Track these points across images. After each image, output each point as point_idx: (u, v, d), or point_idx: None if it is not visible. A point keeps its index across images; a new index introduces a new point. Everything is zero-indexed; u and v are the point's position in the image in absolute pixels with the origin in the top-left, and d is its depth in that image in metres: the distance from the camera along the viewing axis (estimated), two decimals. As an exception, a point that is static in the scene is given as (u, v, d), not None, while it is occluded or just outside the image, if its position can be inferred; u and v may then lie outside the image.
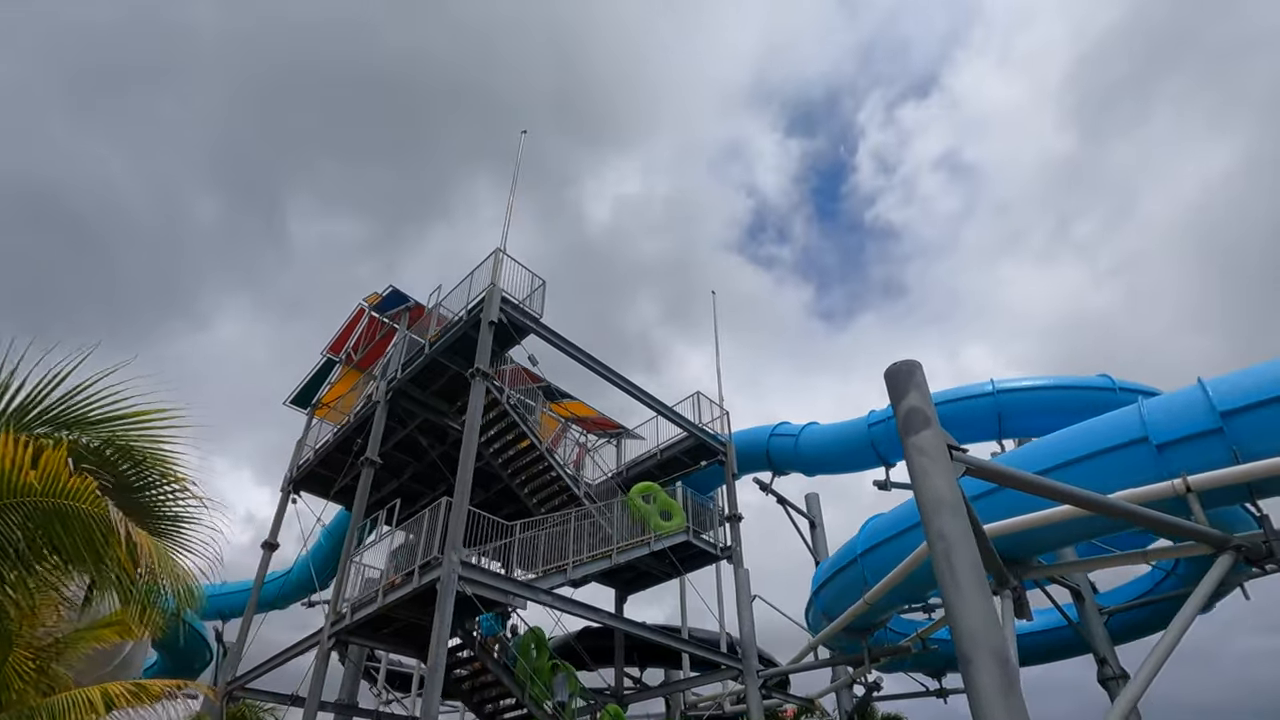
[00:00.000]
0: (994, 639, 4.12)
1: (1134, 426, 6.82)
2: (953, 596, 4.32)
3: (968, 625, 4.25)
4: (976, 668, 4.03)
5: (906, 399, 5.16)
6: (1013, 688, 3.95)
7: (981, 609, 4.32)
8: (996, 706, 3.85)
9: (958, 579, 4.42)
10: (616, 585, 17.40)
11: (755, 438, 15.83)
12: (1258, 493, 6.37)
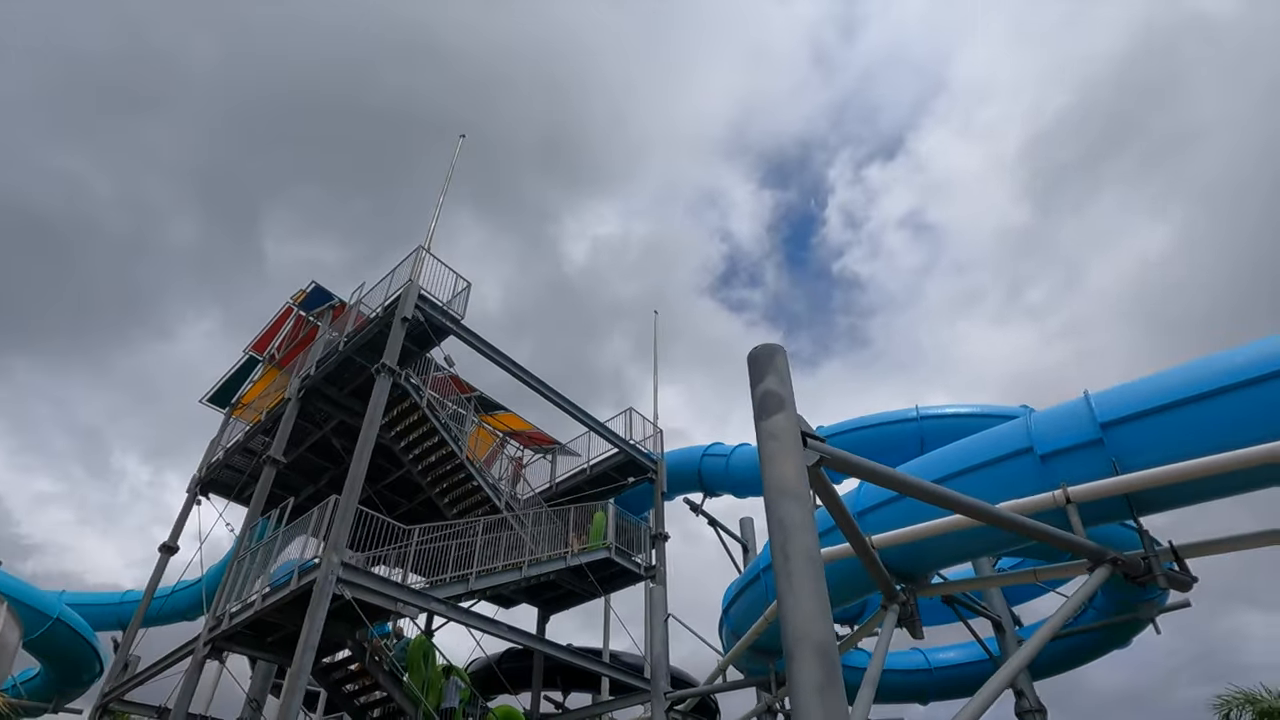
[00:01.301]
0: (819, 634, 3.70)
1: (1020, 437, 6.56)
2: (784, 588, 3.91)
3: (794, 618, 3.84)
4: (798, 662, 3.59)
5: (764, 382, 4.82)
6: (832, 685, 3.51)
7: (810, 603, 3.91)
8: (813, 703, 3.41)
9: (790, 570, 4.01)
10: (539, 604, 16.58)
11: (687, 457, 15.39)
12: (1137, 506, 6.12)
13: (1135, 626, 14.19)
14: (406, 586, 9.86)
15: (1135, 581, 6.42)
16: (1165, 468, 5.61)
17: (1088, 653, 15.34)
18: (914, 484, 5.26)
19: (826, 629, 3.83)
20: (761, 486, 10.78)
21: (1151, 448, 5.83)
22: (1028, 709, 13.88)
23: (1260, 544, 6.53)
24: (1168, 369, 6.14)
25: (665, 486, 14.31)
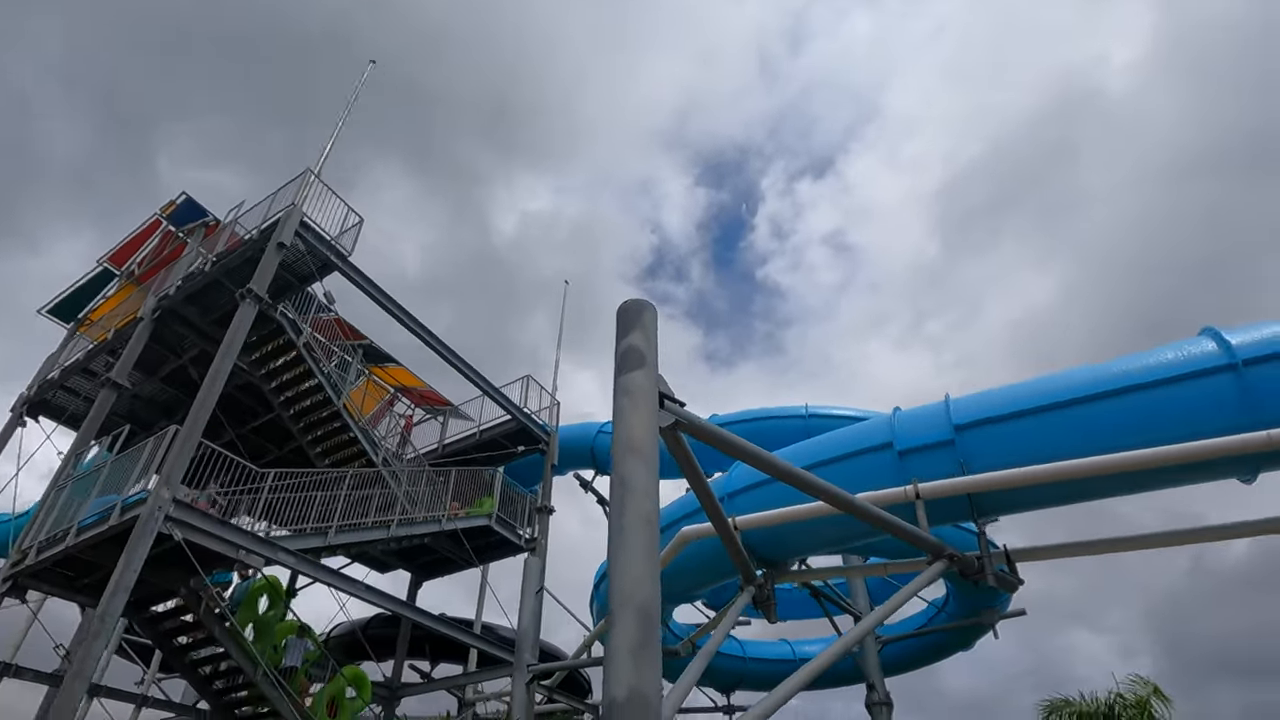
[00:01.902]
0: (644, 596, 3.51)
1: (883, 432, 6.77)
2: (614, 547, 3.70)
3: (621, 579, 3.63)
4: (618, 623, 3.39)
5: (629, 337, 4.58)
6: (648, 647, 3.32)
7: (640, 565, 3.71)
8: (626, 664, 3.22)
9: (624, 528, 3.80)
10: (413, 569, 15.95)
11: (582, 433, 15.17)
12: (978, 508, 6.44)
13: (978, 631, 15.33)
14: (251, 533, 9.05)
15: (969, 578, 6.76)
16: (1004, 472, 5.91)
17: (935, 653, 16.46)
18: (766, 458, 5.23)
19: (652, 593, 3.64)
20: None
21: (996, 452, 6.12)
22: (877, 701, 14.73)
23: (1083, 553, 7.05)
24: (1023, 381, 6.47)
25: (556, 459, 14.02)
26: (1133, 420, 5.59)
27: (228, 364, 9.00)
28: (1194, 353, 5.54)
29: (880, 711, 14.45)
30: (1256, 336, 5.40)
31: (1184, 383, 5.45)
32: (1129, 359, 5.89)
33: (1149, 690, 15.97)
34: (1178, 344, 5.75)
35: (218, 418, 12.54)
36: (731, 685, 17.48)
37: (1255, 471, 5.60)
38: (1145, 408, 5.58)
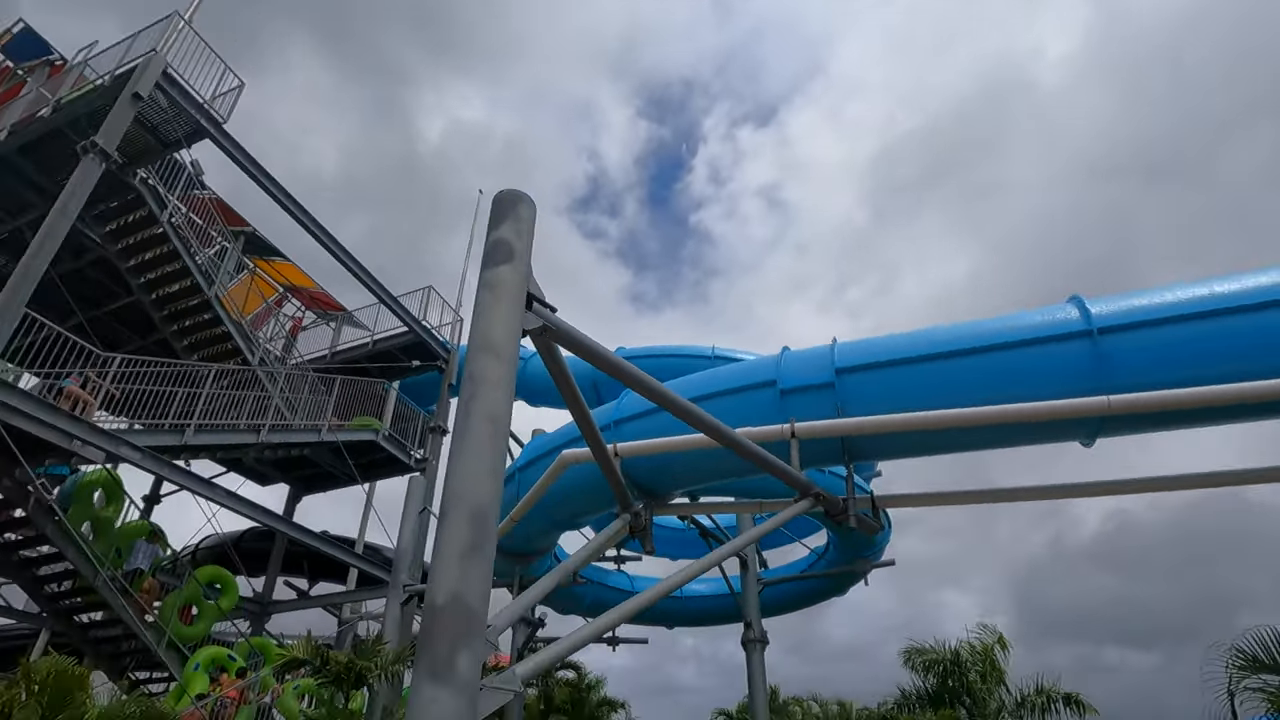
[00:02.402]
0: (480, 498, 3.44)
1: (769, 370, 7.01)
2: (456, 443, 3.62)
3: (457, 477, 3.53)
4: (448, 523, 3.30)
5: (499, 229, 4.37)
6: (478, 552, 3.27)
7: (479, 464, 3.62)
8: (452, 568, 3.16)
9: (469, 427, 3.69)
10: (292, 481, 15.49)
11: (486, 353, 14.89)
12: (850, 452, 6.85)
13: (852, 578, 16.69)
14: (86, 421, 8.40)
15: (834, 518, 7.25)
16: (874, 417, 6.26)
17: (812, 597, 17.84)
18: (644, 381, 5.27)
19: (490, 495, 3.57)
20: (556, 398, 10.59)
21: (871, 398, 6.47)
22: (752, 639, 15.87)
23: (940, 502, 7.68)
24: (906, 332, 6.81)
25: (455, 379, 13.76)
26: (997, 377, 6.02)
27: (62, 226, 8.08)
28: (1057, 318, 5.98)
29: (755, 648, 15.66)
30: (1115, 307, 5.87)
31: (1045, 345, 5.90)
32: (1003, 319, 6.29)
33: (994, 639, 18.09)
34: (1047, 308, 6.19)
35: (64, 297, 11.41)
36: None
37: (1094, 436, 6.20)
38: (1009, 366, 6.02)
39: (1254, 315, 5.44)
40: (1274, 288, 5.47)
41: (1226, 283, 5.68)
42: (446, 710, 2.74)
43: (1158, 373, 5.61)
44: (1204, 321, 5.56)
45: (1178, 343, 5.63)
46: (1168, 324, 5.68)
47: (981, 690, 18.28)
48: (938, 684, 19.03)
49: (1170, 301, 5.74)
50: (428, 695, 2.78)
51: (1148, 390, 5.57)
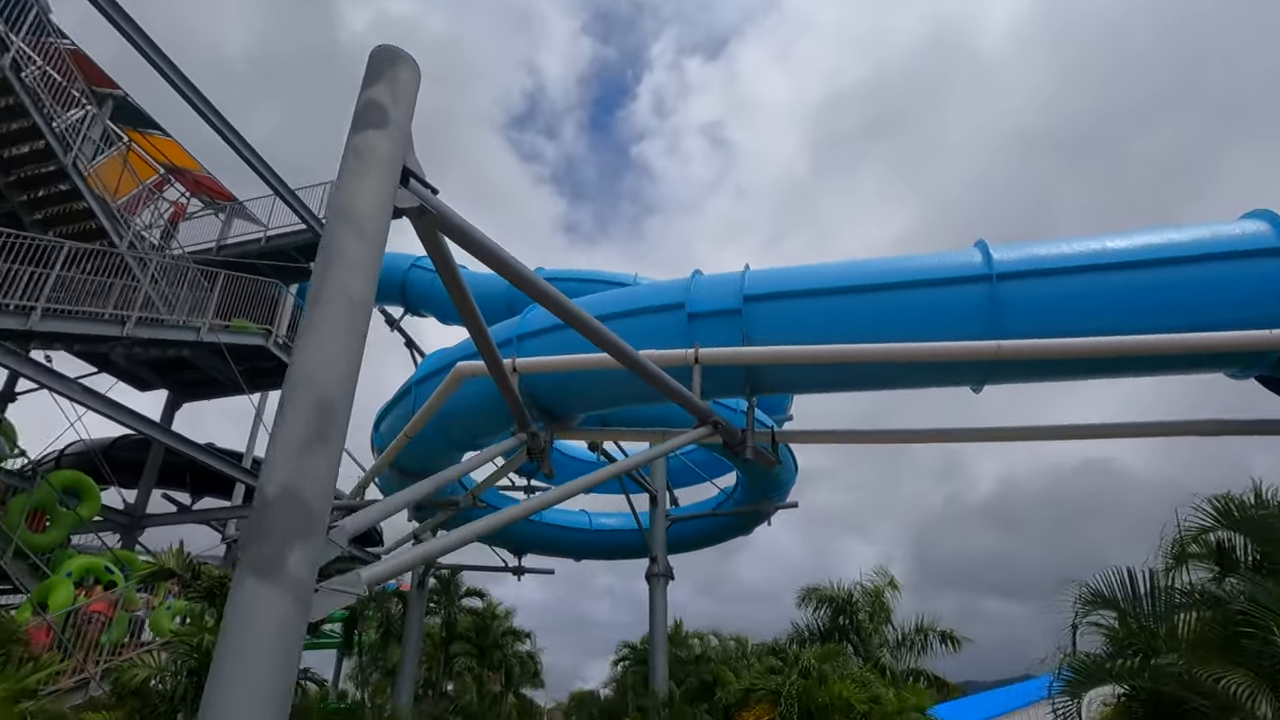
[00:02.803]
0: (328, 387, 3.18)
1: (679, 293, 6.98)
2: (305, 328, 3.36)
3: (302, 361, 3.28)
4: (289, 409, 3.08)
5: (373, 89, 3.95)
6: (323, 445, 3.03)
7: (330, 348, 3.35)
8: (286, 457, 2.94)
9: (320, 304, 3.41)
10: (173, 386, 14.61)
11: (394, 264, 14.23)
12: (753, 383, 6.98)
13: (757, 519, 17.55)
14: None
15: (731, 449, 7.46)
16: (775, 348, 6.37)
17: (719, 535, 18.67)
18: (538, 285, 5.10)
19: (341, 385, 3.31)
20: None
21: (777, 328, 6.56)
22: (657, 573, 16.52)
23: (836, 440, 8.04)
24: (817, 264, 6.88)
25: (358, 287, 13.13)
26: (898, 316, 6.21)
27: None
28: (960, 261, 6.17)
29: (658, 582, 16.34)
30: (1016, 254, 6.11)
31: (947, 287, 6.10)
32: (910, 258, 6.45)
33: (885, 582, 19.66)
34: (953, 252, 6.37)
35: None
36: (524, 547, 18.68)
37: (984, 381, 6.56)
38: (911, 305, 6.21)
39: (1141, 272, 5.77)
40: (1162, 246, 5.80)
41: (1119, 239, 5.98)
42: (271, 609, 2.60)
43: (1049, 322, 5.92)
44: (1096, 275, 5.87)
45: (1070, 294, 5.93)
46: (1063, 275, 5.96)
47: (869, 628, 19.92)
48: (829, 622, 20.62)
49: (1067, 253, 6.00)
50: (250, 592, 2.62)
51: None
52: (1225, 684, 5.25)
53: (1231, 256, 5.49)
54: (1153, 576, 6.89)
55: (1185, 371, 6.37)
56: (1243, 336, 5.32)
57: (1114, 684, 6.72)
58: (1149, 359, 5.88)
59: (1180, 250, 5.73)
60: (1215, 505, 6.65)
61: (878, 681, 15.44)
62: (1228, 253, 5.50)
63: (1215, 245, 5.62)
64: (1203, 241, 5.70)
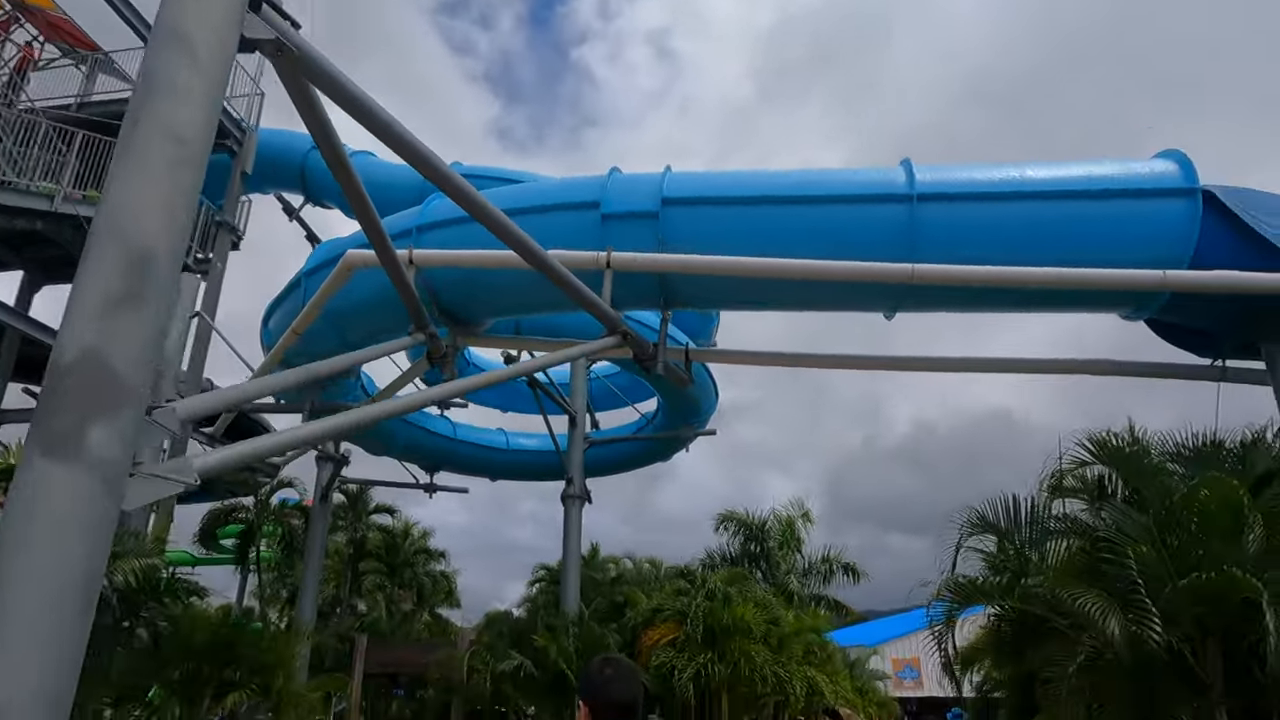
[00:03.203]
0: (145, 235, 2.75)
1: (594, 190, 6.69)
2: (119, 161, 2.91)
3: (112, 205, 2.85)
4: (91, 262, 2.65)
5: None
6: (133, 304, 2.63)
7: (146, 191, 2.92)
8: (88, 317, 2.52)
9: (135, 140, 2.95)
10: (28, 265, 13.30)
11: (292, 144, 13.14)
12: (669, 294, 6.84)
13: (676, 445, 17.94)
14: None
15: (641, 363, 7.40)
16: (692, 256, 6.22)
17: (639, 460, 19.04)
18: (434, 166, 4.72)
19: (162, 237, 2.88)
20: (380, 210, 9.36)
21: (695, 237, 6.41)
22: (573, 494, 16.75)
23: (752, 361, 8.14)
24: (743, 170, 6.70)
25: (250, 167, 12.05)
26: (818, 232, 6.16)
27: None
28: (884, 179, 6.12)
29: (574, 504, 16.59)
30: (938, 176, 6.11)
31: (868, 205, 6.06)
32: (834, 172, 6.36)
33: (799, 513, 20.75)
34: (878, 169, 6.30)
35: None
36: (437, 464, 18.52)
37: (895, 309, 6.66)
38: (831, 222, 6.17)
39: (1055, 204, 5.88)
40: (1078, 179, 5.90)
41: (1039, 169, 6.02)
42: (65, 493, 2.21)
43: (964, 250, 6.00)
44: (1014, 204, 5.95)
45: (987, 222, 6.02)
46: (982, 201, 6.01)
47: (779, 555, 21.10)
48: (741, 548, 21.71)
49: (987, 179, 6.03)
50: (38, 472, 2.23)
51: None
52: (1081, 603, 5.72)
53: (1140, 195, 5.65)
54: (1033, 504, 7.39)
55: (1085, 309, 6.65)
56: (1139, 275, 5.55)
57: (986, 604, 7.27)
58: (1053, 294, 6.09)
59: (1094, 184, 5.86)
60: (1094, 442, 7.11)
61: (779, 605, 16.47)
62: (1137, 190, 5.66)
63: (1127, 182, 5.76)
64: (1115, 178, 5.83)
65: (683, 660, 14.16)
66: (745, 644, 14.27)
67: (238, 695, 10.31)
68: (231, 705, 10.74)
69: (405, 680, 20.36)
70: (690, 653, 14.29)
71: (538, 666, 13.86)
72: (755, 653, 14.19)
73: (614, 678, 1.88)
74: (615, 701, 1.84)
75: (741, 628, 14.45)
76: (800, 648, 15.53)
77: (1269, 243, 5.73)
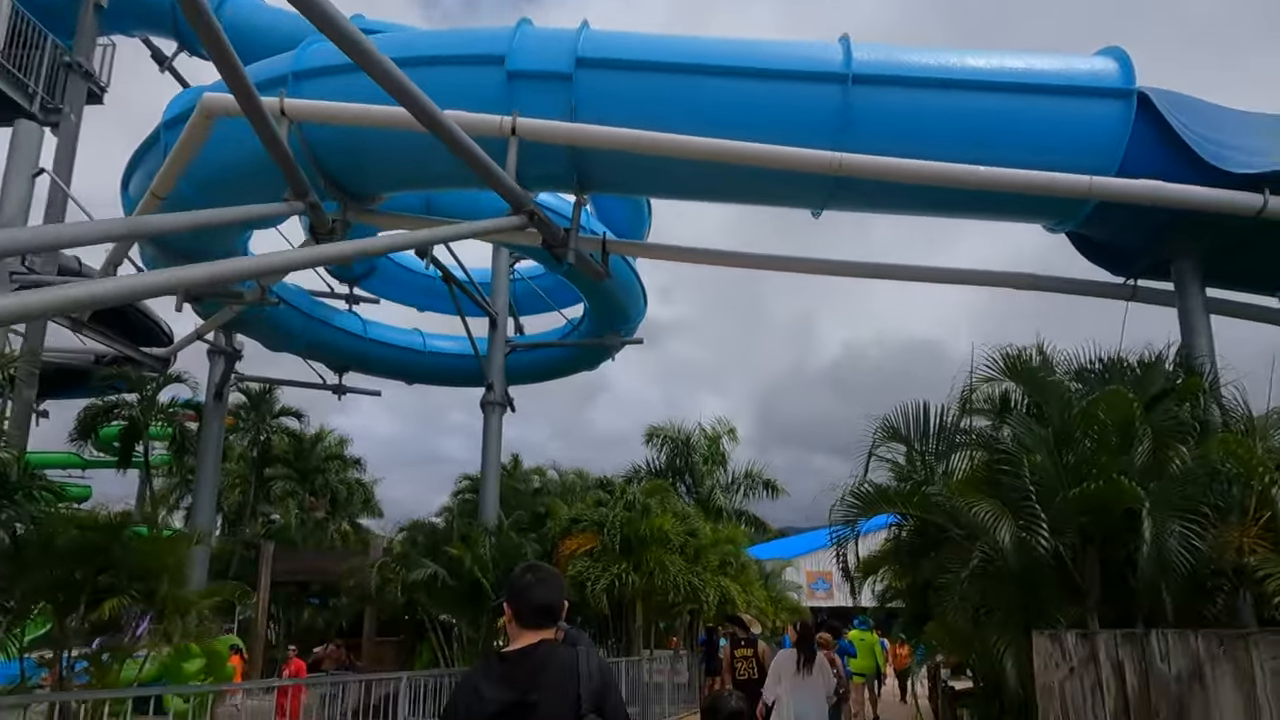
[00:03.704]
0: None
1: (499, 43, 6.05)
2: None
3: None
4: None
5: None
6: None
7: None
8: None
9: None
10: None
11: (164, -21, 11.50)
12: (583, 175, 6.39)
13: (601, 354, 17.80)
14: None
15: (550, 250, 7.03)
16: (611, 129, 5.77)
17: (563, 367, 18.84)
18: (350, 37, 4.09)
19: None
20: (261, 54, 8.07)
21: (614, 105, 5.91)
22: (493, 401, 16.49)
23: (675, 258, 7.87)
24: (670, 34, 6.19)
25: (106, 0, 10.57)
26: (746, 109, 5.79)
27: None
28: (820, 55, 5.75)
29: (494, 410, 16.34)
30: (878, 56, 5.78)
31: (800, 83, 5.72)
32: (768, 44, 5.93)
33: (725, 430, 21.32)
34: (816, 43, 5.92)
35: None
36: (345, 364, 17.83)
37: (824, 205, 6.45)
38: (760, 99, 5.80)
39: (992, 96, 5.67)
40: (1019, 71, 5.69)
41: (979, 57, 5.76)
42: None
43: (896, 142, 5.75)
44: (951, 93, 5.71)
45: (922, 112, 5.77)
46: (919, 87, 5.75)
47: (703, 471, 21.76)
48: (668, 463, 22.27)
49: (926, 64, 5.74)
50: None
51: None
52: (976, 510, 5.94)
53: (1075, 93, 5.51)
54: (943, 413, 7.58)
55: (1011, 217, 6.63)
56: (1066, 180, 5.48)
57: (890, 511, 7.54)
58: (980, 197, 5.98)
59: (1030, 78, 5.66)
60: (1003, 358, 7.27)
61: (698, 517, 17.05)
62: (1072, 87, 5.50)
63: (1063, 78, 5.59)
64: (1053, 73, 5.65)
65: (598, 570, 14.55)
66: (661, 554, 14.74)
67: (115, 602, 9.94)
68: (110, 612, 10.37)
69: (318, 589, 20.32)
70: (606, 562, 14.67)
71: (453, 576, 13.97)
72: (671, 563, 14.70)
73: (535, 583, 1.99)
74: (537, 605, 1.96)
75: (659, 538, 14.87)
76: (716, 558, 16.22)
77: (1195, 154, 5.72)
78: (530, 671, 1.89)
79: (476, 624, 14.41)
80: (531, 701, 1.84)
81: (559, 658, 1.94)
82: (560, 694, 1.86)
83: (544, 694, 1.86)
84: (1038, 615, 6.03)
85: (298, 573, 18.63)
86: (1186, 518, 5.15)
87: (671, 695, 14.00)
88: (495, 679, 1.91)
